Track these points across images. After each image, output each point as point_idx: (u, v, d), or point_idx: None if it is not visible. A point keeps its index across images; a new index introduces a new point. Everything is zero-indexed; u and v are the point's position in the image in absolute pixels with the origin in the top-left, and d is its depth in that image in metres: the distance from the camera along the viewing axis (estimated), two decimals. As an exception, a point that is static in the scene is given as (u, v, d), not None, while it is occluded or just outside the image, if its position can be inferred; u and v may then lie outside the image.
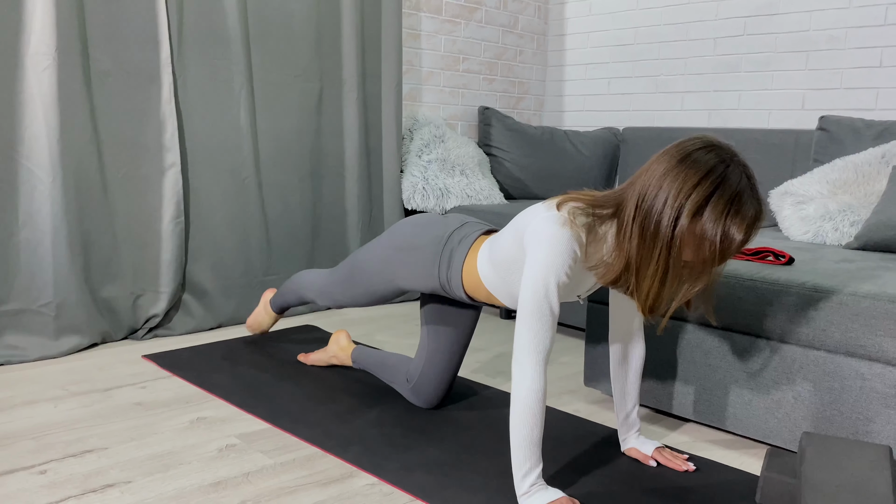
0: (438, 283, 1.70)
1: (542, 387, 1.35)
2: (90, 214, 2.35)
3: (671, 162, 1.28)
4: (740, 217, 1.25)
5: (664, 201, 1.26)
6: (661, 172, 1.28)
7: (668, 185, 1.26)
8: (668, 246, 1.27)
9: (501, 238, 1.52)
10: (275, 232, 2.85)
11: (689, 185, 1.24)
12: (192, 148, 2.56)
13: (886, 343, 1.48)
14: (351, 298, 1.92)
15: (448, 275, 1.67)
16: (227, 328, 2.67)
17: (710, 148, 1.28)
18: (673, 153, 1.29)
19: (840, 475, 1.29)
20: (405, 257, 1.74)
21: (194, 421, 1.79)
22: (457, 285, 1.67)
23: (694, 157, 1.26)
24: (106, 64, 2.34)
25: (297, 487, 1.47)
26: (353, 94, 2.98)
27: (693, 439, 1.80)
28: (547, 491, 1.37)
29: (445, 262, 1.67)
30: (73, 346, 2.28)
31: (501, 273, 1.54)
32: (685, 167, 1.26)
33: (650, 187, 1.29)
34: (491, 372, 2.27)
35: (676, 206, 1.25)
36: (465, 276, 1.65)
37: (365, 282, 1.84)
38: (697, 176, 1.24)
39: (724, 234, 1.24)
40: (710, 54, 3.31)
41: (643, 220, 1.29)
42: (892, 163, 2.36)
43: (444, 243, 1.69)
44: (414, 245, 1.73)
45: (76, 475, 1.49)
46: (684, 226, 1.25)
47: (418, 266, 1.72)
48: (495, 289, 1.59)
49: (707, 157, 1.26)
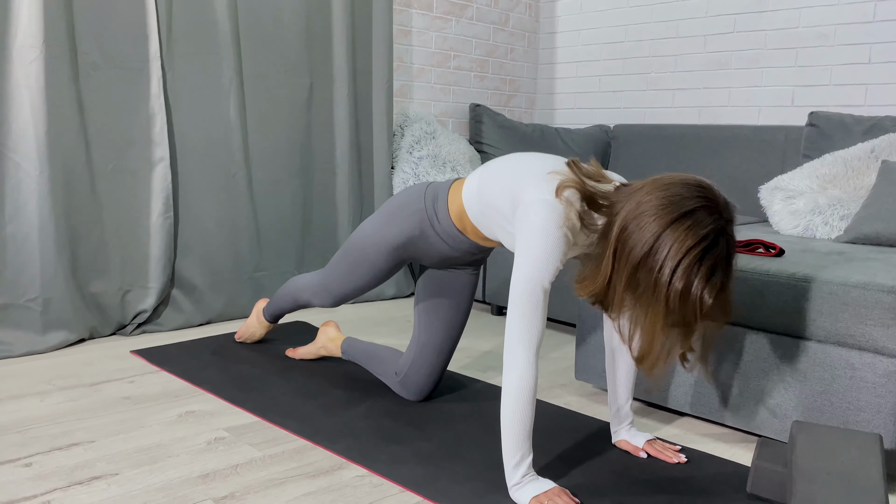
0: (426, 215, 1.68)
1: (533, 376, 1.34)
2: (78, 209, 2.33)
3: (673, 212, 1.23)
4: (712, 285, 1.23)
5: (663, 258, 1.22)
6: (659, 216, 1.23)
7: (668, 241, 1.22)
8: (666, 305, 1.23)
9: (495, 180, 1.49)
10: (265, 228, 2.83)
11: (687, 247, 1.21)
12: (181, 142, 2.55)
13: (876, 332, 1.48)
14: (348, 282, 1.85)
15: (434, 206, 1.67)
16: (217, 324, 2.65)
17: (711, 208, 1.24)
18: (676, 199, 1.24)
19: (831, 463, 1.29)
20: (391, 207, 1.74)
21: (182, 415, 1.78)
22: (444, 214, 1.65)
23: (696, 217, 1.23)
24: (94, 57, 2.32)
25: (286, 479, 1.45)
26: (343, 91, 2.97)
27: (684, 432, 1.79)
28: (538, 481, 1.37)
29: (431, 197, 1.68)
30: (60, 342, 2.26)
31: (485, 209, 1.53)
32: (686, 225, 1.22)
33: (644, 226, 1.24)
34: (481, 367, 2.26)
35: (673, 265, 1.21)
36: (450, 204, 1.64)
37: (357, 255, 1.79)
38: (695, 238, 1.22)
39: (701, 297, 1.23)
40: (701, 51, 3.32)
41: (636, 266, 1.25)
42: (881, 157, 2.37)
43: (424, 190, 1.71)
44: (397, 202, 1.74)
45: (62, 468, 1.47)
46: (678, 288, 1.22)
47: (403, 207, 1.71)
48: (476, 218, 1.59)
49: (707, 220, 1.23)
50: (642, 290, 1.25)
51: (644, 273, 1.24)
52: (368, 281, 1.83)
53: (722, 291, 1.25)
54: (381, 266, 1.79)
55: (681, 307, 1.24)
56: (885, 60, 2.78)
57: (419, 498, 1.40)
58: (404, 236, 1.72)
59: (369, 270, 1.80)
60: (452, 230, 1.67)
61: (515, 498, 1.36)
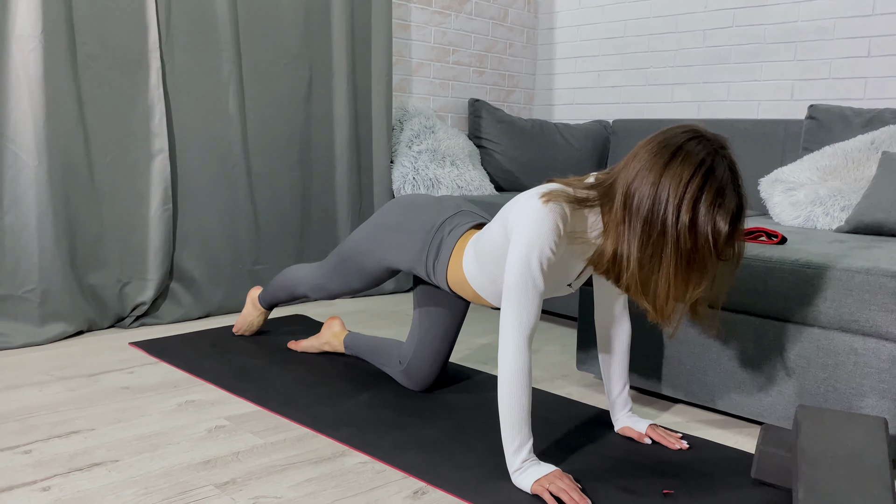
0: (424, 271, 1.70)
1: (526, 361, 1.33)
2: (76, 200, 2.32)
3: (664, 154, 1.23)
4: (724, 210, 1.21)
5: (665, 199, 1.21)
6: (654, 164, 1.23)
7: (667, 181, 1.21)
8: (676, 244, 1.22)
9: (487, 232, 1.50)
10: (264, 221, 2.82)
11: (685, 179, 1.20)
12: (180, 134, 2.54)
13: (880, 317, 1.48)
14: (345, 284, 1.90)
15: (434, 266, 1.66)
16: (216, 317, 2.64)
17: (699, 138, 1.24)
18: (663, 144, 1.25)
19: (836, 447, 1.29)
20: (395, 238, 1.73)
21: (182, 404, 1.77)
22: (441, 279, 1.66)
23: (686, 149, 1.22)
24: (93, 48, 2.31)
25: (287, 466, 1.44)
26: (342, 84, 2.97)
27: (686, 420, 1.79)
28: (539, 466, 1.36)
29: (434, 252, 1.66)
30: (59, 334, 2.25)
31: (488, 269, 1.52)
32: (679, 160, 1.22)
33: (643, 180, 1.24)
34: (482, 358, 2.26)
35: (676, 202, 1.20)
36: (450, 272, 1.64)
37: (357, 264, 1.83)
38: (691, 169, 1.21)
39: (714, 226, 1.21)
40: (700, 46, 3.32)
41: (645, 218, 1.23)
42: (881, 149, 2.37)
43: (434, 231, 1.67)
44: (404, 227, 1.72)
45: (62, 455, 1.46)
46: (685, 222, 1.20)
47: (406, 250, 1.71)
48: (481, 288, 1.58)
49: (697, 149, 1.22)
50: (653, 239, 1.23)
51: (652, 221, 1.22)
52: (367, 285, 1.89)
53: (736, 217, 1.23)
54: (380, 277, 1.85)
55: (693, 242, 1.21)
56: (885, 54, 2.78)
57: (422, 483, 1.39)
58: (403, 265, 1.75)
59: (368, 279, 1.86)
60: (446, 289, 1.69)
61: (518, 483, 1.36)
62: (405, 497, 1.33)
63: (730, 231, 1.22)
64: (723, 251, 1.24)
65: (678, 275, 1.24)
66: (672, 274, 1.23)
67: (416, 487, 1.37)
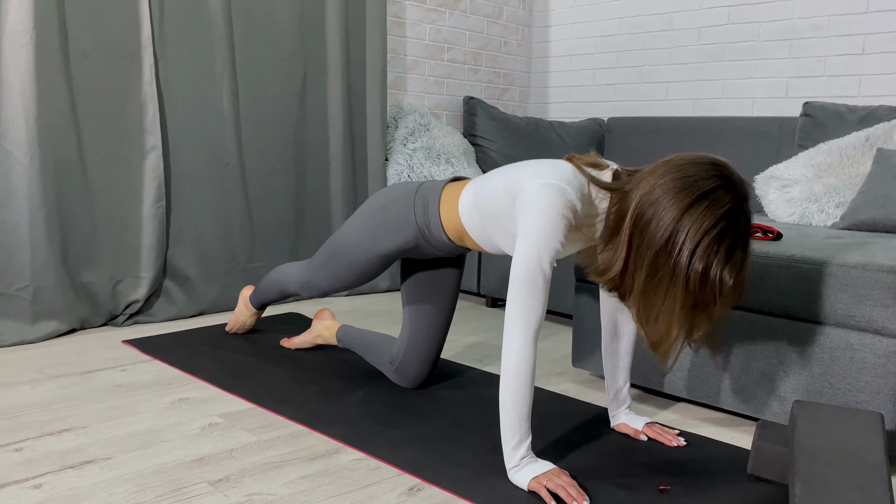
0: (417, 228, 1.65)
1: (531, 357, 1.32)
2: (69, 197, 2.30)
3: (691, 194, 1.22)
4: (733, 264, 1.22)
5: (682, 241, 1.21)
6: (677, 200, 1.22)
7: (687, 222, 1.21)
8: (686, 286, 1.22)
9: (490, 185, 1.48)
10: (258, 219, 2.81)
11: (706, 227, 1.20)
12: (174, 131, 2.52)
13: (876, 312, 1.47)
14: (336, 281, 1.87)
15: (426, 218, 1.64)
16: (210, 315, 2.62)
17: (728, 186, 1.23)
18: (692, 182, 1.23)
19: (833, 442, 1.28)
20: (379, 216, 1.71)
21: (176, 401, 1.75)
22: (437, 227, 1.63)
23: (713, 197, 1.22)
24: (85, 43, 2.29)
25: (282, 463, 1.43)
26: (337, 81, 2.95)
27: (683, 417, 1.78)
28: (537, 463, 1.35)
29: (420, 207, 1.64)
30: (51, 332, 2.23)
31: (484, 220, 1.51)
32: (704, 206, 1.21)
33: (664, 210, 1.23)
34: (477, 356, 2.25)
35: (692, 247, 1.20)
36: (443, 218, 1.61)
37: (346, 258, 1.79)
38: (713, 219, 1.20)
39: (720, 279, 1.22)
40: (695, 44, 3.32)
41: (657, 251, 1.23)
42: (876, 145, 2.37)
43: (414, 191, 1.68)
44: (385, 203, 1.71)
45: (53, 452, 1.44)
46: (697, 270, 1.21)
47: (393, 218, 1.68)
48: (475, 233, 1.56)
49: (724, 199, 1.22)
50: (661, 275, 1.24)
51: (664, 258, 1.23)
52: (357, 281, 1.83)
53: (741, 270, 1.24)
54: (370, 270, 1.79)
55: (700, 289, 1.22)
56: (879, 51, 2.78)
57: (417, 480, 1.38)
58: (395, 247, 1.71)
59: (358, 274, 1.81)
60: (447, 242, 1.66)
61: (514, 480, 1.35)
62: (400, 494, 1.32)
63: (734, 284, 1.24)
64: (724, 298, 1.25)
65: (681, 314, 1.25)
66: (675, 312, 1.25)
67: (412, 484, 1.37)
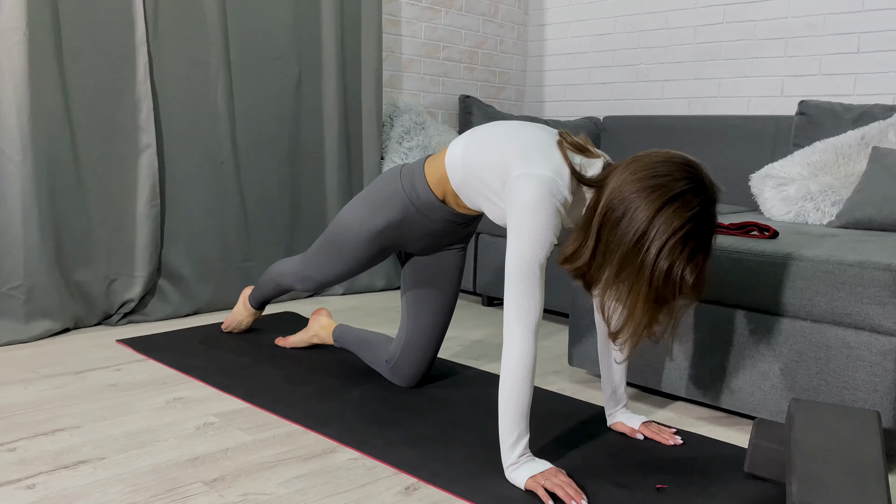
0: (405, 195, 1.63)
1: (530, 355, 1.32)
2: (62, 195, 2.29)
3: (663, 195, 1.24)
4: (694, 264, 1.26)
5: (651, 238, 1.24)
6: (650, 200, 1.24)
7: (658, 222, 1.24)
8: (650, 282, 1.26)
9: (483, 152, 1.46)
10: (253, 217, 2.79)
11: (674, 227, 1.23)
12: (168, 129, 2.51)
13: (872, 310, 1.47)
14: (330, 269, 1.82)
15: (413, 183, 1.63)
16: (204, 315, 2.61)
17: (698, 189, 1.26)
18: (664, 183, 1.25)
19: (830, 440, 1.28)
20: (367, 195, 1.71)
21: (170, 401, 1.74)
22: (423, 187, 1.61)
23: (684, 200, 1.24)
24: (79, 41, 2.28)
25: (277, 462, 1.43)
26: (332, 79, 2.95)
27: (680, 416, 1.78)
28: (534, 462, 1.35)
29: (407, 176, 1.64)
30: (45, 331, 2.22)
31: (469, 178, 1.50)
32: (674, 207, 1.24)
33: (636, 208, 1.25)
34: (473, 355, 2.24)
35: (659, 245, 1.24)
36: (428, 175, 1.60)
37: (338, 243, 1.76)
38: (682, 220, 1.24)
39: (682, 277, 1.26)
40: (690, 42, 3.32)
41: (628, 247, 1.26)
42: (871, 144, 2.37)
43: (399, 168, 1.68)
44: (372, 185, 1.72)
45: (47, 452, 1.43)
46: (663, 268, 1.25)
47: (380, 192, 1.67)
48: (458, 182, 1.54)
49: (693, 203, 1.25)
50: (629, 271, 1.27)
51: (633, 255, 1.26)
52: (351, 268, 1.80)
53: (701, 271, 1.28)
54: (363, 254, 1.75)
55: (663, 285, 1.27)
56: (874, 49, 2.79)
57: (413, 479, 1.37)
58: (384, 222, 1.68)
59: (351, 259, 1.76)
60: (432, 200, 1.62)
61: (511, 478, 1.34)
62: (396, 493, 1.32)
63: (694, 283, 1.28)
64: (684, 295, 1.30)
65: (643, 308, 1.29)
66: (639, 306, 1.28)
67: (408, 483, 1.36)
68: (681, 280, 1.26)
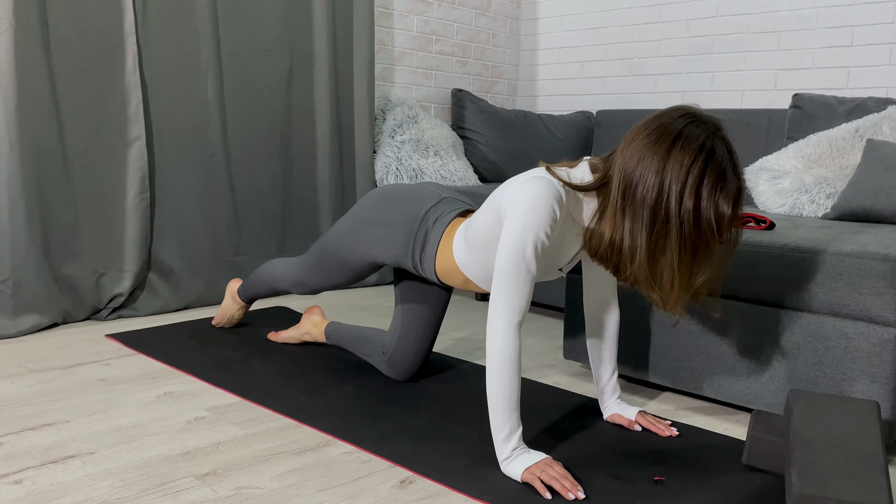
0: (411, 263, 1.65)
1: (514, 347, 1.30)
2: (50, 188, 2.25)
3: (664, 141, 1.21)
4: (726, 192, 1.21)
5: (669, 186, 1.20)
6: (655, 152, 1.21)
7: (670, 168, 1.20)
8: (680, 232, 1.21)
9: (478, 218, 1.47)
10: (244, 211, 2.76)
11: (686, 165, 1.19)
12: (158, 121, 2.48)
13: (870, 301, 1.46)
14: (327, 280, 1.84)
15: (421, 257, 1.62)
16: (195, 309, 2.58)
17: (696, 121, 1.23)
18: (661, 130, 1.23)
19: (829, 431, 1.27)
20: (378, 233, 1.68)
21: (161, 395, 1.72)
22: (429, 269, 1.62)
23: (685, 134, 1.21)
24: (66, 31, 2.24)
25: (270, 456, 1.40)
26: (324, 72, 2.92)
27: (674, 408, 1.77)
28: (529, 454, 1.33)
29: (420, 244, 1.62)
30: (32, 326, 2.18)
31: (478, 254, 1.49)
32: (679, 145, 1.20)
33: (646, 168, 1.22)
34: (467, 349, 2.23)
35: (679, 189, 1.19)
36: (438, 260, 1.60)
37: (338, 260, 1.77)
38: (692, 154, 1.20)
39: (716, 210, 1.20)
40: (683, 36, 3.31)
41: (652, 208, 1.21)
42: (865, 136, 2.36)
43: (419, 222, 1.62)
44: (386, 221, 1.67)
45: (35, 447, 1.40)
46: (689, 208, 1.20)
47: (390, 244, 1.66)
48: (472, 273, 1.54)
49: (696, 132, 1.21)
50: (658, 229, 1.22)
51: (658, 212, 1.21)
52: (349, 281, 1.84)
53: (737, 198, 1.22)
54: (363, 272, 1.80)
55: (696, 228, 1.21)
56: (867, 43, 2.78)
57: (409, 472, 1.35)
58: (388, 261, 1.70)
59: (350, 275, 1.81)
60: (434, 279, 1.65)
61: (507, 472, 1.33)
62: (392, 486, 1.30)
63: (732, 213, 1.22)
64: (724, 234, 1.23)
65: (682, 262, 1.23)
66: (677, 262, 1.23)
67: (403, 476, 1.34)
68: (716, 214, 1.20)
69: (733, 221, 1.23)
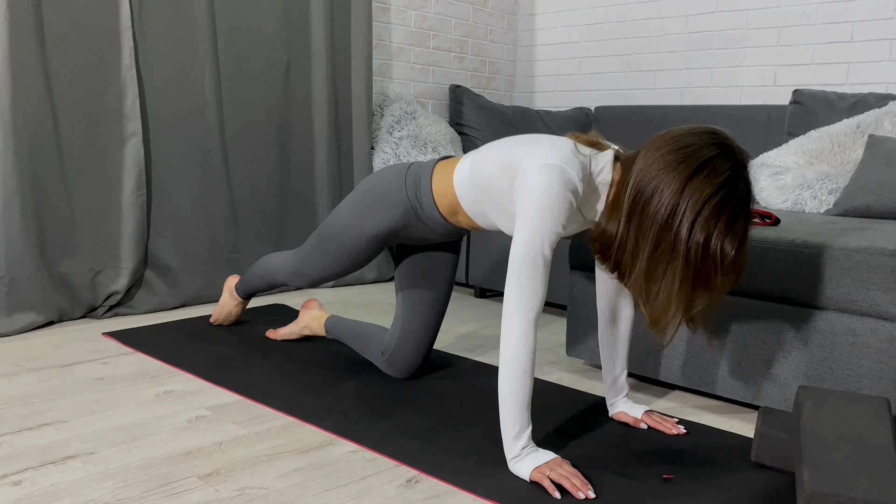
0: (409, 205, 1.60)
1: (530, 345, 1.28)
2: (45, 184, 2.22)
3: (690, 165, 1.19)
4: (733, 234, 1.20)
5: (683, 212, 1.18)
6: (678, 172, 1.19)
7: (688, 194, 1.18)
8: (686, 259, 1.19)
9: (488, 160, 1.43)
10: (241, 208, 2.74)
11: (705, 196, 1.17)
12: (154, 117, 2.45)
13: (878, 297, 1.45)
14: (325, 267, 1.80)
15: (418, 195, 1.59)
16: (192, 307, 2.55)
17: (726, 154, 1.21)
18: (691, 153, 1.20)
19: (840, 427, 1.26)
20: (369, 197, 1.65)
21: (160, 394, 1.69)
22: (429, 203, 1.58)
23: (713, 166, 1.19)
24: (61, 25, 2.21)
25: (273, 455, 1.38)
26: (321, 67, 2.89)
27: (681, 405, 1.76)
28: (538, 453, 1.32)
29: (412, 184, 1.59)
30: (28, 324, 2.15)
31: (480, 195, 1.46)
32: (704, 174, 1.18)
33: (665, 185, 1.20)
34: (468, 346, 2.21)
35: (692, 219, 1.18)
36: (436, 193, 1.56)
37: (335, 242, 1.73)
38: (713, 187, 1.18)
39: (721, 249, 1.19)
40: (682, 32, 3.30)
41: (661, 226, 1.20)
42: (867, 132, 2.36)
43: (405, 171, 1.62)
44: (374, 183, 1.66)
45: (33, 447, 1.38)
46: (699, 241, 1.18)
47: (383, 197, 1.63)
48: (470, 207, 1.51)
49: (724, 167, 1.19)
50: (662, 249, 1.21)
51: (665, 232, 1.20)
52: (347, 267, 1.77)
53: (742, 241, 1.21)
54: (361, 254, 1.73)
55: (702, 261, 1.20)
56: (867, 38, 2.78)
57: (415, 472, 1.34)
58: (385, 228, 1.65)
59: (348, 258, 1.74)
60: (439, 220, 1.60)
61: (515, 471, 1.31)
62: (398, 486, 1.28)
63: (735, 256, 1.21)
64: (726, 271, 1.22)
65: (682, 288, 1.22)
66: (676, 287, 1.22)
67: (410, 476, 1.32)
68: (721, 253, 1.19)
69: (735, 262, 1.22)
